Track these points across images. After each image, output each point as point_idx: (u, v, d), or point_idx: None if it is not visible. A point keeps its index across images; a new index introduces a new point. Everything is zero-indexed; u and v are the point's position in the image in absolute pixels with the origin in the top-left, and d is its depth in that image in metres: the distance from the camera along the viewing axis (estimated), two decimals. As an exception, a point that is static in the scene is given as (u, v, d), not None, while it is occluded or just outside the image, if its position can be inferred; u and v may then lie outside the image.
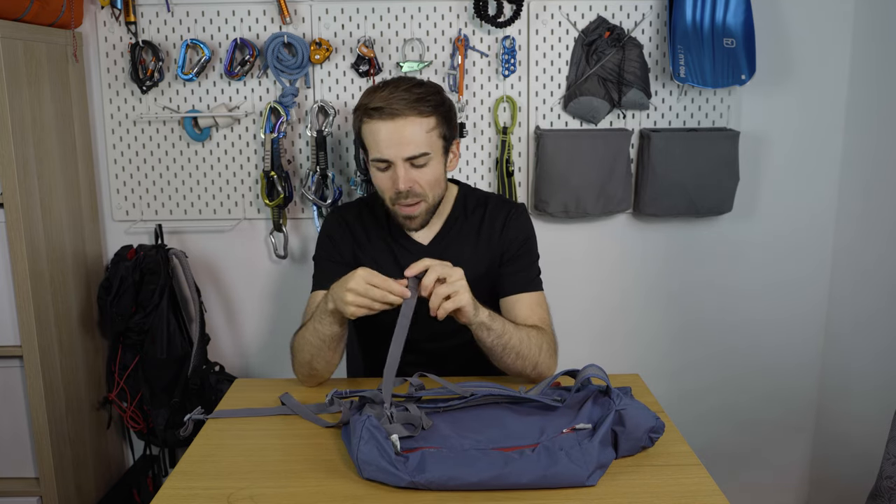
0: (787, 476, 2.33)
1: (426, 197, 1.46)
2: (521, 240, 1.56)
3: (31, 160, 1.77)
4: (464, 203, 1.59)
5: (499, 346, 1.35)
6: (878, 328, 2.01)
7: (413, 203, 1.45)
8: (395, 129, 1.39)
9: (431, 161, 1.44)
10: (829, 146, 2.12)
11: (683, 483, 1.10)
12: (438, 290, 1.22)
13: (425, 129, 1.41)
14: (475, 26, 2.00)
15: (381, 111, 1.39)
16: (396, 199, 1.45)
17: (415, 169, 1.42)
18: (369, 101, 1.42)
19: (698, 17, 1.92)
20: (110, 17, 1.99)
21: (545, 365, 1.41)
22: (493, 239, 1.56)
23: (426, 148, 1.42)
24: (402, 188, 1.42)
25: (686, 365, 2.23)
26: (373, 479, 1.09)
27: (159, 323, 1.97)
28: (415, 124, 1.40)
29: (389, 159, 1.41)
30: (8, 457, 1.87)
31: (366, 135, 1.44)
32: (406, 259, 1.53)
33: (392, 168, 1.42)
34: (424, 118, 1.41)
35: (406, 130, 1.39)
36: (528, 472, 1.06)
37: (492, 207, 1.58)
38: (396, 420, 1.13)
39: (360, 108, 1.45)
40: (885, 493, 1.55)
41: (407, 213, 1.46)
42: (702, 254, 2.16)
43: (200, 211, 2.10)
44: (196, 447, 1.23)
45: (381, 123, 1.40)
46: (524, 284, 1.51)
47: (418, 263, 1.24)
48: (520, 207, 1.60)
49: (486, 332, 1.32)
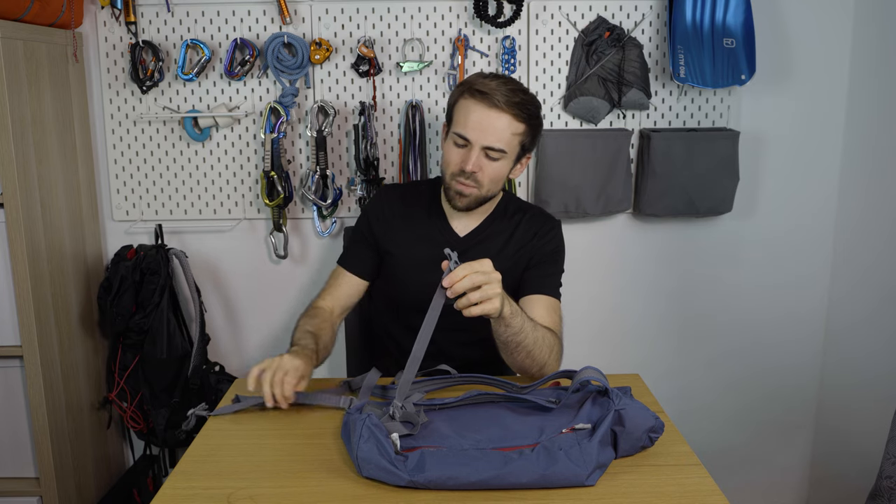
0: (787, 476, 2.33)
1: (482, 187, 1.50)
2: (551, 250, 1.60)
3: (31, 160, 1.77)
4: (505, 206, 1.64)
5: (513, 343, 1.36)
6: (878, 328, 2.01)
7: (470, 185, 1.49)
8: (489, 117, 1.44)
9: (503, 160, 1.49)
10: (829, 146, 2.12)
11: (683, 483, 1.10)
12: (471, 296, 1.20)
13: (513, 131, 1.46)
14: (475, 26, 2.00)
15: (484, 95, 1.44)
16: (458, 174, 1.49)
17: (486, 159, 1.47)
18: (476, 83, 1.47)
19: (698, 17, 1.92)
20: (110, 17, 1.99)
21: (551, 367, 1.43)
22: (524, 244, 1.60)
23: (505, 146, 1.47)
24: (468, 169, 1.46)
25: (686, 365, 2.23)
26: (372, 477, 1.09)
27: (159, 323, 1.97)
28: (506, 121, 1.45)
29: (471, 140, 1.46)
30: (8, 457, 1.87)
31: (459, 108, 1.49)
32: (441, 247, 1.53)
33: (468, 148, 1.47)
34: (517, 122, 1.46)
35: (497, 123, 1.45)
36: (528, 472, 1.06)
37: (530, 216, 1.63)
38: (398, 418, 1.13)
39: (464, 84, 1.49)
40: (885, 492, 1.55)
41: (460, 189, 1.50)
42: (702, 254, 2.16)
43: (200, 211, 2.10)
44: (196, 447, 1.23)
45: (479, 106, 1.45)
46: (546, 287, 1.55)
47: (456, 275, 1.18)
48: (556, 222, 1.65)
49: (504, 327, 1.33)
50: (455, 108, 1.50)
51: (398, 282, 1.62)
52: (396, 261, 1.61)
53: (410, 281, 1.58)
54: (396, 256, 1.61)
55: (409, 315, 1.56)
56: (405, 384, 1.17)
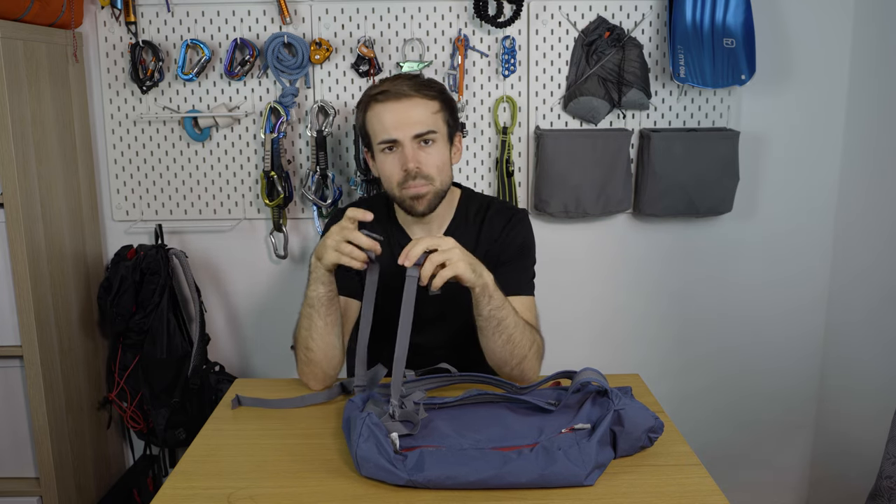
0: (787, 476, 2.33)
1: (433, 180, 1.46)
2: (519, 244, 1.55)
3: (31, 160, 1.77)
4: (466, 207, 1.59)
5: (494, 321, 1.32)
6: (878, 328, 2.00)
7: (421, 184, 1.45)
8: (402, 108, 1.43)
9: (438, 142, 1.46)
10: (829, 146, 2.12)
11: (683, 483, 1.10)
12: (432, 258, 1.21)
13: (431, 110, 1.45)
14: (475, 26, 2.00)
15: (387, 94, 1.43)
16: (404, 181, 1.44)
17: (422, 150, 1.44)
18: (373, 90, 1.45)
19: (698, 17, 1.92)
20: (110, 17, 1.99)
21: (530, 364, 1.39)
22: (492, 241, 1.56)
23: (432, 126, 1.45)
24: (411, 166, 1.43)
25: (686, 365, 2.23)
26: (371, 476, 1.09)
27: (159, 323, 1.97)
28: (420, 105, 1.44)
29: (397, 138, 1.43)
30: (8, 457, 1.88)
31: (371, 121, 1.46)
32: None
33: (399, 149, 1.44)
34: (429, 100, 1.45)
35: (413, 111, 1.43)
36: (527, 472, 1.06)
37: (493, 212, 1.58)
38: (398, 417, 1.13)
39: (363, 100, 1.48)
40: (885, 492, 1.55)
41: (415, 192, 1.45)
42: (702, 254, 2.16)
43: (200, 211, 2.10)
44: (196, 447, 1.23)
45: (388, 105, 1.43)
46: (515, 287, 1.49)
47: (407, 248, 1.21)
48: (521, 213, 1.60)
49: (486, 298, 1.30)
50: (366, 124, 1.48)
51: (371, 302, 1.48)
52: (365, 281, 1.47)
53: (384, 300, 1.42)
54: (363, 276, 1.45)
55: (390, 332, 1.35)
56: (396, 384, 1.17)
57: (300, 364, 1.42)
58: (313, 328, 1.37)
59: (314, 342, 1.38)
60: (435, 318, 1.49)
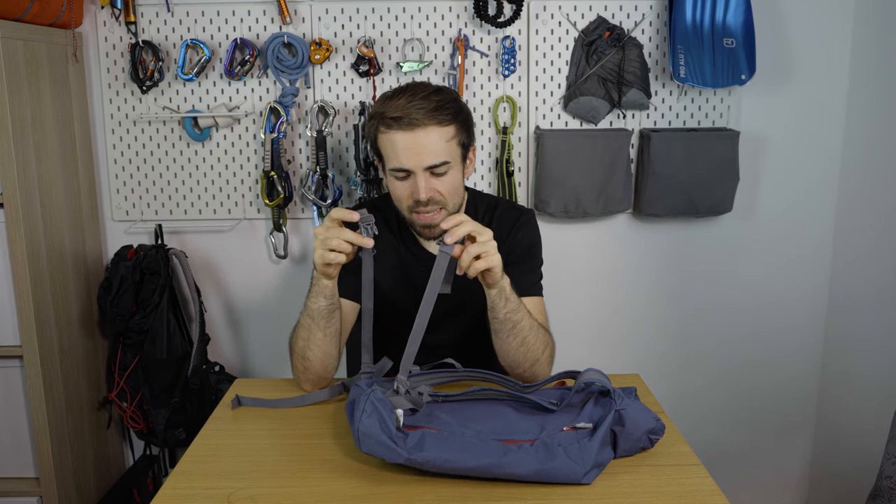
0: (787, 475, 2.33)
1: (446, 204, 1.43)
2: (526, 244, 1.55)
3: (31, 160, 1.77)
4: (474, 207, 1.58)
5: (510, 323, 1.32)
6: (878, 328, 2.01)
7: (433, 211, 1.42)
8: (415, 139, 1.36)
9: (451, 169, 1.41)
10: (829, 146, 2.12)
11: (683, 483, 1.10)
12: (470, 249, 1.21)
13: (445, 138, 1.38)
14: (475, 26, 2.00)
15: (399, 121, 1.36)
16: (415, 207, 1.42)
17: (435, 178, 1.39)
18: (386, 109, 1.38)
19: (698, 17, 1.92)
20: (110, 17, 1.99)
21: (543, 366, 1.39)
22: (500, 243, 1.53)
23: (446, 157, 1.39)
24: (423, 198, 1.39)
25: (686, 365, 2.23)
26: (370, 453, 1.09)
27: (159, 323, 1.97)
28: (434, 134, 1.37)
29: (410, 169, 1.38)
30: (8, 457, 1.87)
31: (383, 144, 1.41)
32: (415, 266, 1.52)
33: (411, 178, 1.39)
34: (444, 127, 1.38)
35: (426, 140, 1.36)
36: (525, 465, 1.06)
37: (501, 212, 1.57)
38: (403, 393, 1.13)
39: (376, 117, 1.41)
40: (885, 492, 1.55)
41: (427, 221, 1.43)
42: (702, 254, 2.16)
43: (200, 211, 2.10)
44: (196, 447, 1.23)
45: (401, 134, 1.36)
46: (524, 289, 1.48)
47: (453, 221, 1.22)
48: (528, 213, 1.59)
49: (503, 301, 1.30)
50: (378, 143, 1.42)
51: (385, 309, 1.49)
52: (379, 289, 1.47)
53: (398, 308, 1.47)
54: (377, 284, 1.45)
55: (402, 336, 1.35)
56: (409, 357, 1.17)
57: (295, 371, 1.43)
58: (312, 339, 1.37)
59: (311, 352, 1.38)
60: (441, 319, 1.49)
